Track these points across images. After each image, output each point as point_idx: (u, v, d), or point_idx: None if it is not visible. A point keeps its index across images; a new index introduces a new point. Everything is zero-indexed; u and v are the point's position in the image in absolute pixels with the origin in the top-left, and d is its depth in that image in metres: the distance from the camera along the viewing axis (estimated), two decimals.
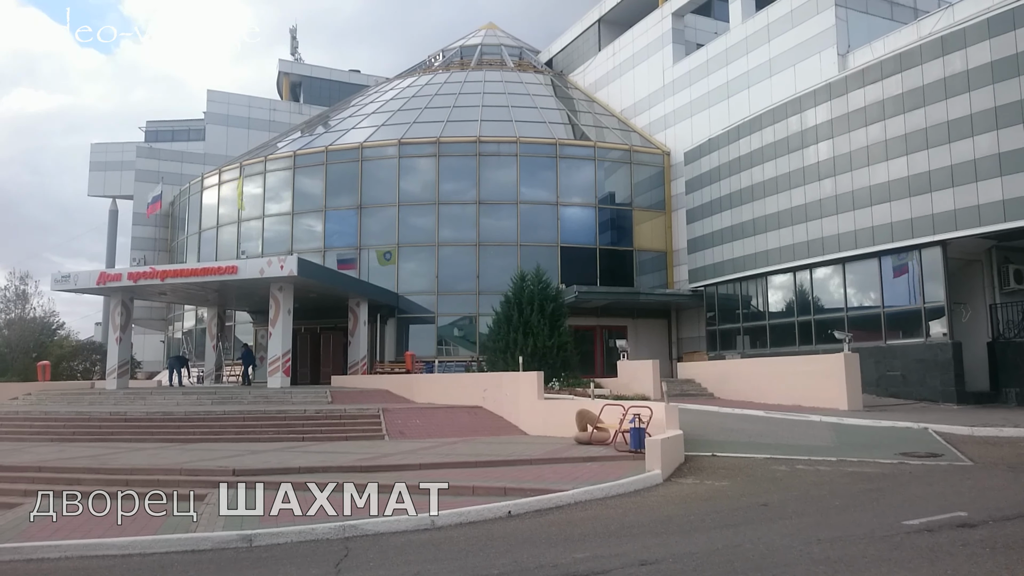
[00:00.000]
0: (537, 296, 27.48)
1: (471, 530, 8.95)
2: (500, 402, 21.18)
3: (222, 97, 50.07)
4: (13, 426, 20.07)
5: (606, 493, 10.63)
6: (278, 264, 24.02)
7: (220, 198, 38.51)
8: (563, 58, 47.16)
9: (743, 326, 28.64)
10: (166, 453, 15.69)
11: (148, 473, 13.13)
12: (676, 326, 34.58)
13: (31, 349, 36.80)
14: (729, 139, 29.21)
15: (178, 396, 23.22)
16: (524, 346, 26.50)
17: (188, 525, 9.53)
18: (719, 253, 29.54)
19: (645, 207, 35.34)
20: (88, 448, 16.98)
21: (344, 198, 34.58)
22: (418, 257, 33.75)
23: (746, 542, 7.50)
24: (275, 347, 25.47)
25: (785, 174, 26.12)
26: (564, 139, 35.20)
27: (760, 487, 10.80)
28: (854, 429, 16.48)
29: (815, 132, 25.01)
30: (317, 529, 8.84)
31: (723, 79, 32.10)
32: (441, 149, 34.00)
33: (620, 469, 12.64)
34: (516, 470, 12.96)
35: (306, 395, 23.22)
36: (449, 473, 12.62)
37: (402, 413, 20.42)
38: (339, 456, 14.76)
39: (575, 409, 18.87)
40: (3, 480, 13.34)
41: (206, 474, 12.85)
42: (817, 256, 24.75)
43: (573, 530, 8.62)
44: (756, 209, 27.41)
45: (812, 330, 25.34)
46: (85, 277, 26.87)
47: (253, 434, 18.52)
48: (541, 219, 33.84)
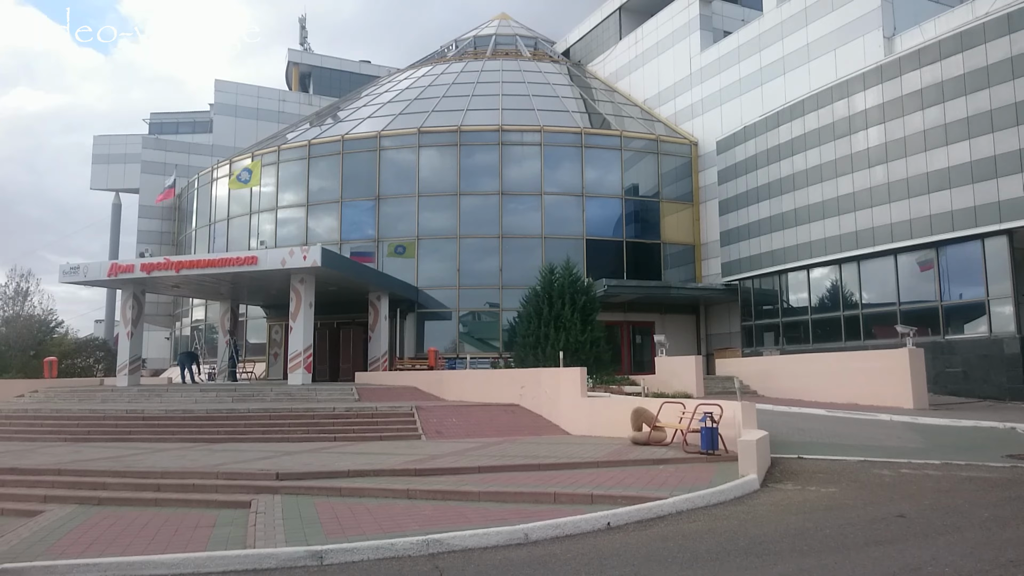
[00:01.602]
0: (567, 289, 26.32)
1: (572, 545, 7.74)
2: (539, 400, 20.02)
3: (230, 87, 48.71)
4: (23, 425, 18.86)
5: (707, 501, 9.43)
6: (301, 254, 22.80)
7: (231, 189, 37.24)
8: (581, 48, 45.94)
9: (782, 321, 27.42)
10: (193, 454, 14.48)
11: (181, 476, 11.91)
12: (705, 322, 33.39)
13: (29, 347, 35.80)
14: (767, 126, 28.00)
15: (196, 393, 21.98)
16: (556, 341, 25.33)
17: (241, 538, 8.31)
18: (756, 245, 28.33)
19: (672, 199, 34.13)
20: (106, 448, 15.79)
21: (361, 189, 33.33)
22: (438, 250, 32.52)
23: (924, 564, 6.31)
24: (296, 342, 24.25)
25: (831, 161, 24.91)
26: (589, 128, 33.95)
27: (877, 495, 9.61)
28: (937, 429, 15.29)
29: (864, 117, 23.80)
30: (397, 544, 7.61)
31: (756, 65, 30.90)
32: (462, 138, 32.76)
33: (701, 473, 11.47)
34: (585, 474, 11.77)
35: (331, 392, 22.01)
36: (514, 477, 11.46)
37: (436, 411, 19.25)
38: (383, 458, 13.55)
39: (622, 407, 17.78)
40: (20, 484, 12.14)
41: (246, 478, 11.65)
42: (867, 247, 23.54)
43: (697, 546, 7.41)
44: (798, 199, 26.20)
45: (860, 325, 24.13)
46: (95, 268, 25.65)
47: (281, 433, 17.36)
48: (566, 211, 32.63)
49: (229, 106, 47.97)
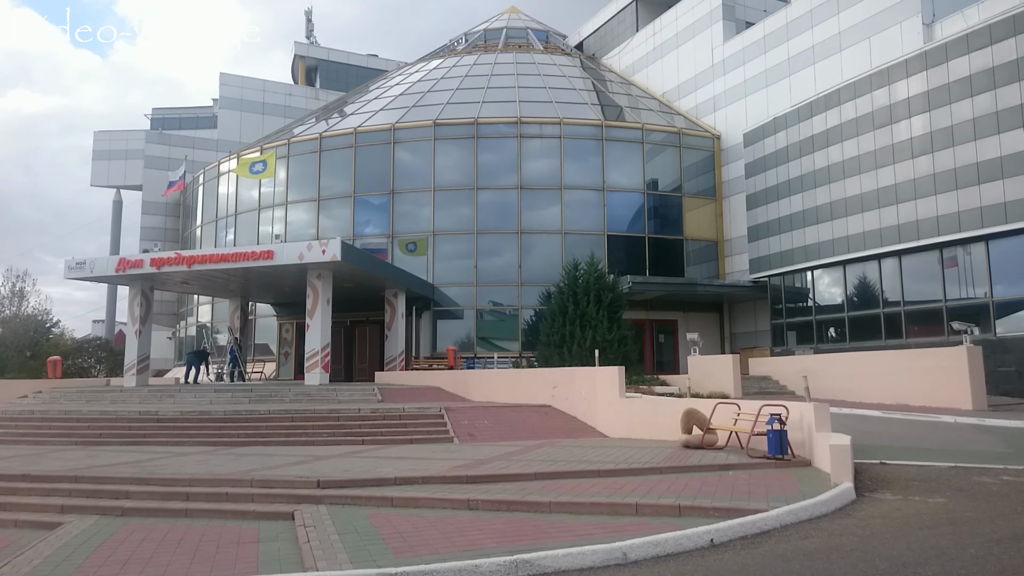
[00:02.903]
0: (592, 286, 25.36)
1: (679, 567, 6.75)
2: (573, 401, 19.07)
3: (235, 80, 47.59)
4: (30, 427, 17.82)
5: (810, 513, 8.44)
6: (319, 248, 21.76)
7: (239, 184, 36.20)
8: (595, 40, 44.97)
9: (816, 319, 26.44)
10: (216, 459, 13.47)
11: (211, 484, 10.91)
12: (729, 320, 32.42)
13: (26, 347, 34.88)
14: (799, 117, 27.02)
15: (211, 394, 20.95)
16: (582, 340, 24.38)
17: (294, 556, 7.34)
18: (787, 240, 27.33)
19: (694, 194, 33.15)
20: (122, 453, 14.77)
21: (374, 183, 32.29)
22: (454, 246, 31.50)
23: None
24: (313, 340, 23.21)
25: (870, 152, 23.94)
26: (610, 121, 32.95)
27: (996, 506, 8.63)
28: (1011, 432, 14.33)
29: (907, 106, 22.84)
30: (482, 567, 6.61)
31: (783, 55, 29.96)
32: (479, 131, 31.76)
33: (781, 480, 10.52)
34: (652, 482, 10.78)
35: (352, 393, 21.00)
36: (577, 485, 10.47)
37: (466, 412, 18.27)
38: (424, 463, 12.55)
39: (665, 409, 16.86)
40: (34, 493, 11.13)
41: (283, 485, 10.65)
42: (910, 241, 22.56)
43: (830, 568, 6.42)
44: (834, 191, 25.23)
45: (901, 323, 23.17)
46: (102, 264, 24.59)
47: (306, 436, 16.36)
48: (586, 205, 31.64)
49: (234, 100, 46.84)
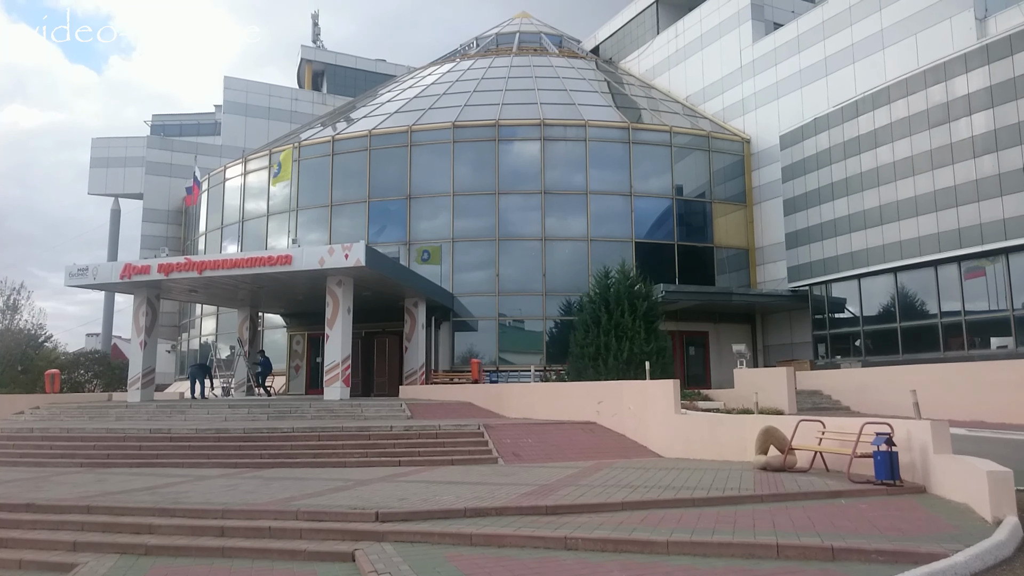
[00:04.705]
0: (625, 295, 23.87)
1: None
2: (620, 417, 17.55)
3: (240, 85, 46.13)
4: (30, 447, 16.17)
5: (995, 558, 6.94)
6: (342, 253, 20.24)
7: (246, 189, 34.71)
8: (612, 44, 43.72)
9: (864, 329, 24.95)
10: (245, 484, 11.88)
11: (248, 516, 9.32)
12: (762, 332, 30.94)
13: (18, 361, 33.24)
14: (844, 117, 25.66)
15: (224, 410, 19.36)
16: (618, 351, 22.86)
17: None
18: (830, 247, 25.90)
19: (723, 199, 31.76)
20: (134, 476, 13.16)
21: (390, 188, 30.79)
22: (475, 253, 29.97)
23: None
24: (333, 352, 21.64)
25: (924, 152, 22.58)
26: (636, 123, 31.59)
27: None
28: None
29: (967, 102, 21.50)
30: None
31: (819, 55, 28.68)
32: (500, 133, 30.34)
33: (911, 512, 9.08)
34: (760, 512, 9.27)
35: (379, 409, 19.43)
36: (681, 517, 8.96)
37: (507, 430, 16.73)
38: (485, 489, 11.00)
39: (727, 426, 15.40)
40: (41, 526, 9.54)
41: (334, 518, 9.08)
42: (973, 246, 21.14)
43: None
44: (883, 194, 23.83)
45: (963, 333, 21.73)
46: (106, 270, 23.03)
47: (336, 457, 14.77)
48: (612, 211, 30.18)
49: (239, 104, 45.35)
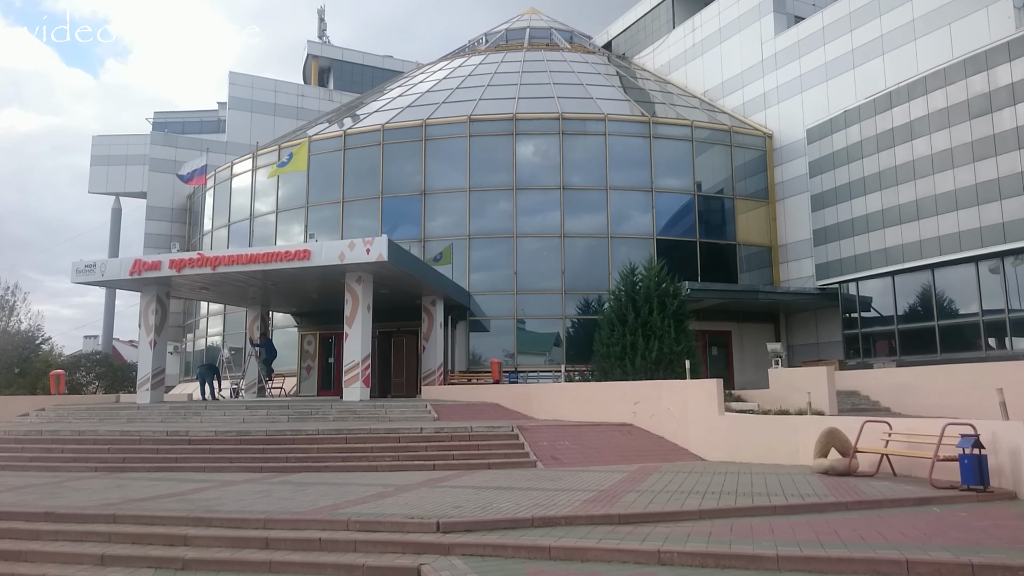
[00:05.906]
0: (654, 292, 23.04)
1: None
2: (659, 418, 16.75)
3: (245, 80, 45.21)
4: (40, 450, 15.29)
5: None
6: (363, 247, 19.40)
7: (255, 186, 33.84)
8: (625, 39, 42.96)
9: (899, 328, 24.15)
10: (278, 490, 11.04)
11: (293, 527, 8.49)
12: (786, 331, 30.14)
13: (14, 363, 32.40)
14: (876, 109, 24.89)
15: (242, 411, 18.50)
16: (646, 351, 22.03)
17: None
18: (862, 243, 25.11)
19: (745, 195, 30.97)
20: (155, 481, 12.30)
21: (404, 184, 29.97)
22: (492, 251, 29.15)
23: None
24: (352, 351, 20.79)
25: (965, 144, 21.81)
26: (657, 117, 30.80)
27: None
28: None
29: (1011, 92, 20.74)
30: None
31: (846, 47, 27.91)
32: (517, 127, 29.52)
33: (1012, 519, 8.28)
34: (852, 521, 8.53)
35: (403, 410, 18.59)
36: (772, 526, 8.24)
37: (542, 432, 15.92)
38: (543, 495, 10.19)
39: (777, 428, 14.69)
40: (63, 537, 8.69)
41: (390, 529, 8.25)
42: (1018, 240, 20.39)
43: None
44: (920, 188, 23.06)
45: (1007, 331, 20.94)
46: (114, 266, 22.18)
47: (366, 460, 13.94)
48: (633, 207, 29.38)
49: (244, 100, 44.42)
